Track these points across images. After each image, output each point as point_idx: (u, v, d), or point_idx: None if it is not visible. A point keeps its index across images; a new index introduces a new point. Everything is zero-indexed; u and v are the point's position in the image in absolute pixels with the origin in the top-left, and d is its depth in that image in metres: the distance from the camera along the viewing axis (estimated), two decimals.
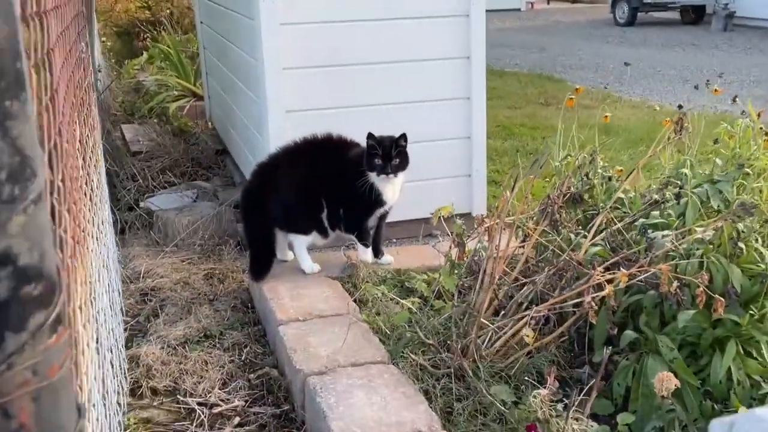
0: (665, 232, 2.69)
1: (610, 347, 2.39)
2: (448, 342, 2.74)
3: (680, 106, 2.93)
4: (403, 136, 3.31)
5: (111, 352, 2.35)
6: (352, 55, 3.82)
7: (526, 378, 2.56)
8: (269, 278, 3.42)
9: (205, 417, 2.72)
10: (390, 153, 3.28)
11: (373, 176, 3.30)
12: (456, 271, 3.08)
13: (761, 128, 2.86)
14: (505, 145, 6.38)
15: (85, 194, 2.16)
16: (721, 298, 2.25)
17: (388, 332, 2.90)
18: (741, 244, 2.38)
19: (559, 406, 2.26)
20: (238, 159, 5.10)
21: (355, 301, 3.19)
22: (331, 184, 3.39)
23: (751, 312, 2.39)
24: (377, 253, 3.58)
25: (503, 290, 2.90)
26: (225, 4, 4.86)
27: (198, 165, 5.61)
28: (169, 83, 7.20)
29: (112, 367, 2.33)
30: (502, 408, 2.39)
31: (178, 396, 2.85)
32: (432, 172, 4.03)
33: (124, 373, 2.82)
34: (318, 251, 3.68)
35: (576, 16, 20.29)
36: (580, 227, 3.10)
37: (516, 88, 9.46)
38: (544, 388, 2.22)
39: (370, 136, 3.27)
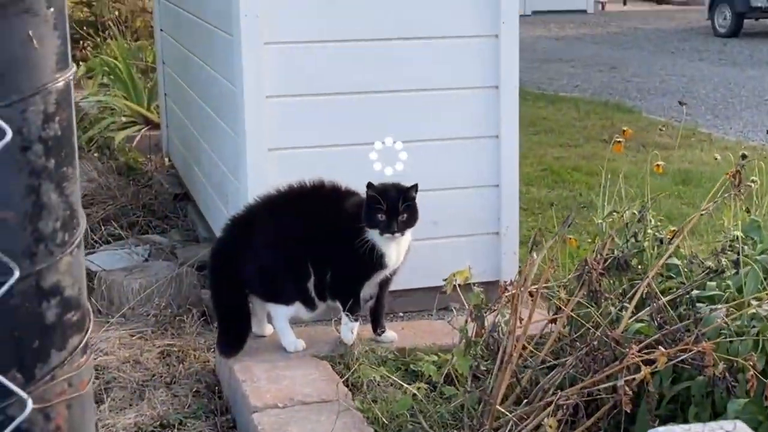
0: (715, 306, 3.12)
1: None
2: None
3: (744, 156, 3.40)
4: (414, 187, 3.78)
5: None
6: (351, 82, 4.33)
7: None
8: (242, 356, 3.88)
9: None
10: (397, 206, 3.71)
11: (374, 234, 3.75)
12: (472, 351, 3.51)
13: None
14: (552, 195, 6.85)
15: None
16: None
17: (386, 422, 3.35)
18: None
19: None
20: (203, 207, 5.59)
21: (347, 384, 3.63)
22: (321, 244, 3.85)
23: None
24: (377, 327, 4.03)
25: (527, 374, 3.34)
26: (194, 11, 5.41)
27: (151, 214, 6.07)
28: (115, 106, 7.73)
29: None
30: None
31: None
32: (450, 228, 4.50)
33: None
34: (303, 325, 4.14)
35: (661, 23, 20.94)
36: (627, 299, 3.52)
37: (573, 119, 9.98)
38: None
39: (370, 185, 3.74)
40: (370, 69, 4.35)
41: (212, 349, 4.18)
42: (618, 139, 4.33)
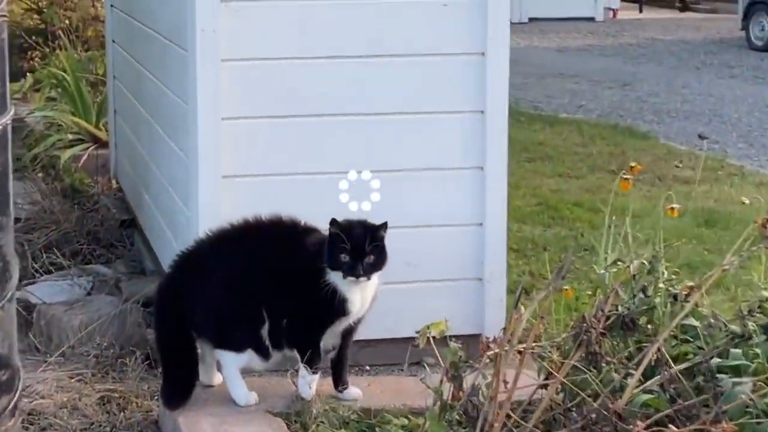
0: (740, 379, 3.06)
1: None
2: None
3: None
4: (384, 226, 3.76)
5: None
6: (318, 104, 4.32)
7: None
8: (188, 407, 3.84)
9: None
10: (363, 247, 3.69)
11: (336, 277, 3.73)
12: (448, 416, 3.51)
13: None
14: (548, 235, 6.73)
15: None
16: None
17: None
18: None
19: None
20: (151, 236, 5.59)
21: None
22: (277, 286, 3.82)
23: None
24: (339, 383, 3.98)
25: None
26: (148, 22, 5.42)
27: (96, 241, 6.12)
28: (62, 122, 7.78)
29: None
30: None
31: None
32: (425, 272, 4.46)
33: None
34: (256, 375, 4.12)
35: (684, 32, 20.79)
36: (633, 365, 3.39)
37: (575, 144, 9.86)
38: None
39: (333, 222, 3.71)
40: (339, 90, 4.34)
41: (156, 397, 4.18)
42: (625, 176, 4.24)
